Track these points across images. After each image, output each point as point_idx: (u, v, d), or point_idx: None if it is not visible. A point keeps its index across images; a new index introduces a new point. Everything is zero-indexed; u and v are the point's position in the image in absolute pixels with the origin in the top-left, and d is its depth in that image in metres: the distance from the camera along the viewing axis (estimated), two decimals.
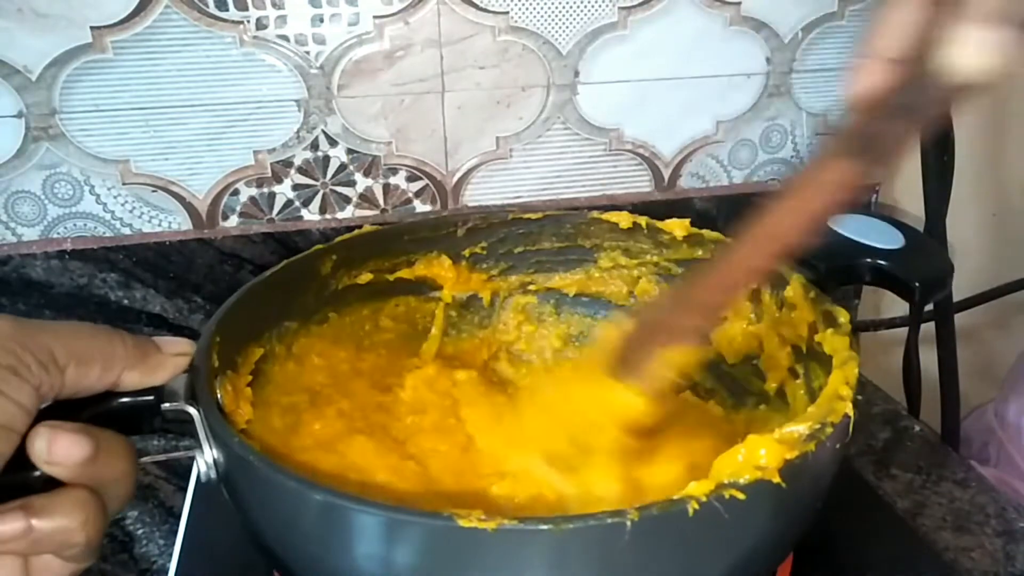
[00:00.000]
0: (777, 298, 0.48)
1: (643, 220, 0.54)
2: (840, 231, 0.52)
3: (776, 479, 0.31)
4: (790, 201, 0.34)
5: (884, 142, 0.31)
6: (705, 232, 0.52)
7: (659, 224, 0.53)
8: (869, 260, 0.49)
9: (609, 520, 0.29)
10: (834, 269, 0.48)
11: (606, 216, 0.55)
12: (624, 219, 0.54)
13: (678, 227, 0.52)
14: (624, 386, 0.38)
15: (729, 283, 0.37)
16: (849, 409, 0.35)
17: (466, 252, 0.56)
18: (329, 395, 0.48)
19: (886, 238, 0.51)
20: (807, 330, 0.45)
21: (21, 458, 0.29)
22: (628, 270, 0.56)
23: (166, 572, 0.46)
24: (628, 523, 0.28)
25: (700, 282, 0.37)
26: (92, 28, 0.52)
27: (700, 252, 0.52)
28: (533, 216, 0.55)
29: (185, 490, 0.52)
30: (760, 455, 0.32)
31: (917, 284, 0.47)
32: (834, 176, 0.32)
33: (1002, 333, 0.80)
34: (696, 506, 0.29)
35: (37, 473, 0.30)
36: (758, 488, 0.30)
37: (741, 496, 0.30)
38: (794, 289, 0.46)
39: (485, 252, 0.56)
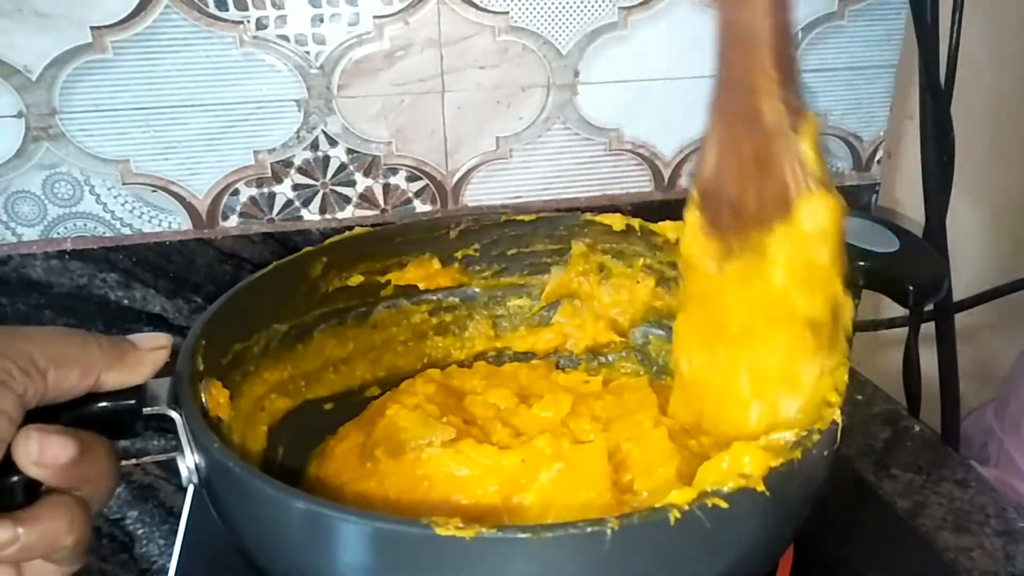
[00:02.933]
0: None
1: (636, 222, 0.53)
2: None
3: (760, 487, 0.30)
4: None
5: None
6: None
7: (652, 226, 0.53)
8: (863, 263, 0.48)
9: (589, 528, 0.28)
10: None
11: (599, 218, 0.55)
12: (617, 221, 0.54)
13: (671, 229, 0.52)
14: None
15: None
16: (837, 416, 0.35)
17: (459, 254, 0.55)
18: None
19: (881, 241, 0.50)
20: None
21: (2, 464, 0.29)
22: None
23: (166, 572, 0.46)
24: (608, 531, 0.28)
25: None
26: (92, 28, 0.52)
27: None
28: (526, 218, 0.55)
29: (185, 490, 0.52)
30: (744, 462, 0.31)
31: (911, 288, 0.47)
32: None
33: (1002, 333, 0.80)
34: (678, 515, 0.29)
35: (15, 478, 0.30)
36: (741, 497, 0.30)
37: (724, 505, 0.29)
38: None
39: (478, 254, 0.56)
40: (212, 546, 0.47)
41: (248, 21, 0.54)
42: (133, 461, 0.55)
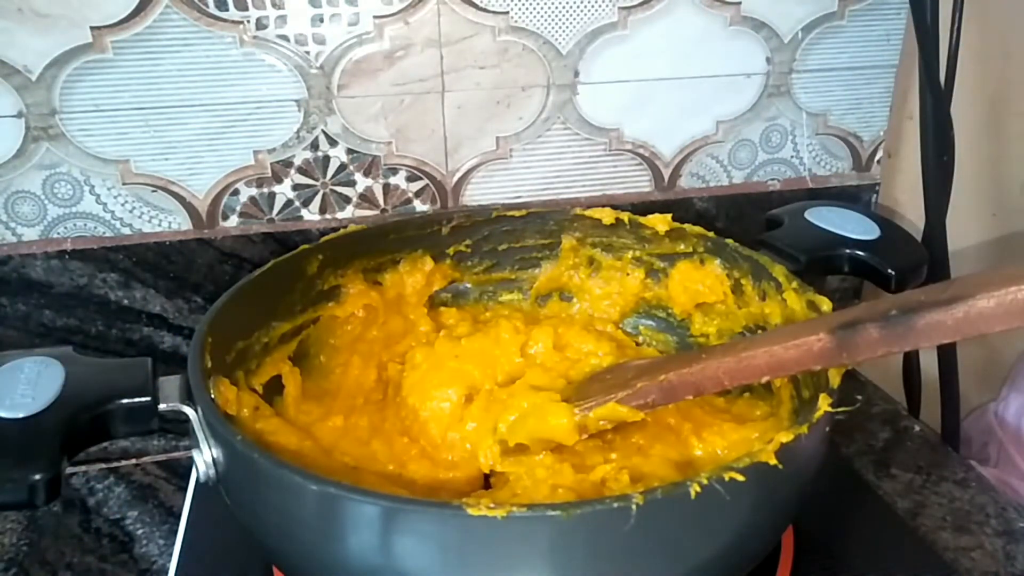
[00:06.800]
0: (759, 289, 0.48)
1: (625, 216, 0.55)
2: (818, 224, 0.54)
3: (773, 461, 0.32)
4: (770, 345, 0.36)
5: (861, 350, 0.33)
6: (687, 226, 0.53)
7: (641, 219, 0.54)
8: (848, 251, 0.51)
9: (615, 504, 0.30)
10: (814, 260, 0.50)
11: (589, 212, 0.55)
12: (607, 215, 0.55)
13: (660, 222, 0.53)
14: (565, 410, 0.42)
15: (691, 384, 0.39)
16: (835, 382, 0.37)
17: (451, 250, 0.56)
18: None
19: (863, 229, 0.53)
20: (790, 319, 0.45)
21: None
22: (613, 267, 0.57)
23: (166, 572, 0.46)
24: (633, 507, 0.29)
25: (669, 367, 0.40)
26: (92, 28, 0.52)
27: (682, 246, 0.53)
28: (517, 213, 0.56)
29: (185, 490, 0.52)
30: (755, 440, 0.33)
31: (893, 272, 0.49)
32: (811, 344, 0.35)
33: (1002, 333, 0.80)
34: (698, 488, 0.30)
35: (38, 476, 0.30)
36: (757, 470, 0.31)
37: (741, 478, 0.31)
38: (776, 280, 0.47)
39: (470, 250, 0.57)
40: (212, 546, 0.47)
41: (248, 21, 0.54)
42: (133, 461, 0.55)
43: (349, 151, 0.59)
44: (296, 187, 0.59)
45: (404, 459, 0.44)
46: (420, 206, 0.62)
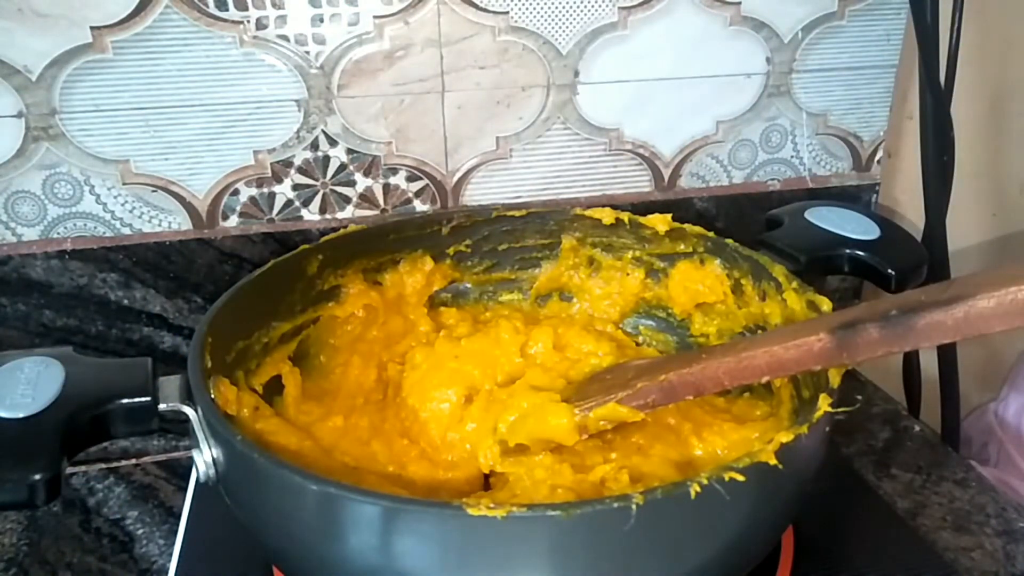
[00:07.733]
0: (759, 289, 0.48)
1: (625, 216, 0.55)
2: (818, 223, 0.54)
3: (773, 461, 0.32)
4: (770, 345, 0.36)
5: (861, 350, 0.33)
6: (687, 226, 0.53)
7: (641, 219, 0.54)
8: (848, 251, 0.51)
9: (615, 504, 0.30)
10: (814, 260, 0.50)
11: (589, 212, 0.55)
12: (607, 215, 0.55)
13: (660, 222, 0.53)
14: (566, 410, 0.42)
15: (691, 384, 0.39)
16: (835, 382, 0.37)
17: (451, 250, 0.56)
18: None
19: (863, 229, 0.53)
20: (790, 320, 0.45)
21: None
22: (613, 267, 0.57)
23: (166, 572, 0.46)
24: (633, 507, 0.29)
25: (669, 367, 0.40)
26: (92, 28, 0.52)
27: (682, 246, 0.53)
28: (517, 213, 0.56)
29: (185, 490, 0.52)
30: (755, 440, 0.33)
31: (893, 272, 0.50)
32: (811, 344, 0.35)
33: (1002, 333, 0.80)
34: (698, 488, 0.30)
35: (38, 476, 0.30)
36: (757, 470, 0.31)
37: (741, 478, 0.31)
38: (776, 280, 0.47)
39: (470, 250, 0.57)
40: (212, 546, 0.47)
41: (248, 21, 0.54)
42: (133, 461, 0.55)
43: (349, 151, 0.59)
44: (296, 187, 0.59)
45: (404, 459, 0.45)
46: (420, 206, 0.62)
